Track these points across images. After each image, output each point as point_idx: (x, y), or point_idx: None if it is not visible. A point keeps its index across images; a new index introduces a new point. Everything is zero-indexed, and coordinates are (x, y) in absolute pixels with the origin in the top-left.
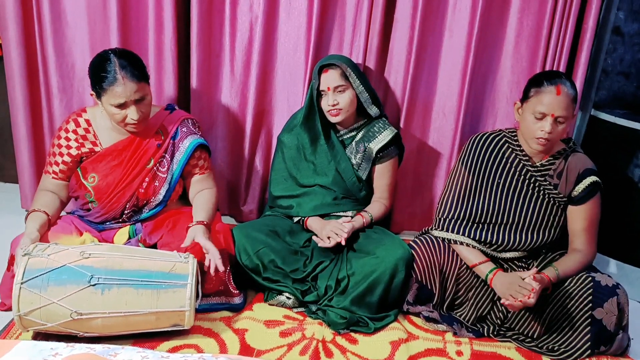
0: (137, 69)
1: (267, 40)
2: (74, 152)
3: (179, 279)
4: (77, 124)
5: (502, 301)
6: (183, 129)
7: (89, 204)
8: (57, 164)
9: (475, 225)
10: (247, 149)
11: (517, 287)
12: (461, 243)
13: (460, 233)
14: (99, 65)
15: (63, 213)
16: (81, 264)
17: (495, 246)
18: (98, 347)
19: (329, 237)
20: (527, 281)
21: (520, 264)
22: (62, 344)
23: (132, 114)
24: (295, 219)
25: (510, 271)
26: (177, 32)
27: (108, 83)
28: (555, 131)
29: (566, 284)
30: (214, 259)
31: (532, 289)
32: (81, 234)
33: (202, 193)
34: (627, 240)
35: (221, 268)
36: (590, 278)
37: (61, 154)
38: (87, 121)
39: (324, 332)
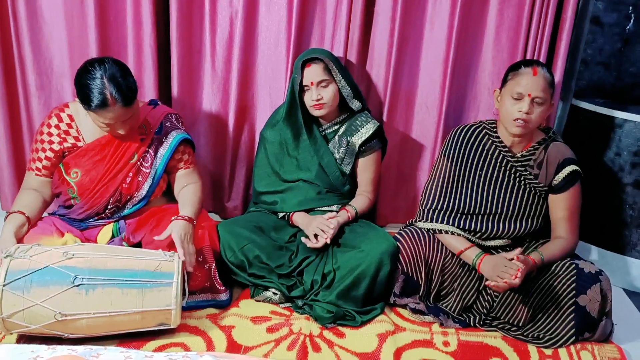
0: (129, 91)
1: (247, 35)
2: (56, 147)
3: (165, 277)
4: (60, 119)
5: (486, 282)
6: (167, 124)
7: (72, 200)
8: (39, 159)
9: (459, 215)
10: (230, 144)
11: (504, 268)
12: (446, 232)
13: (445, 223)
14: (88, 84)
15: (45, 214)
16: (64, 264)
17: (479, 234)
18: (80, 349)
19: (316, 236)
20: (512, 262)
21: (505, 252)
22: (43, 347)
23: (120, 130)
24: (280, 215)
25: None
26: (156, 27)
27: (97, 106)
28: (534, 113)
29: (550, 272)
30: (182, 257)
31: (518, 269)
32: (62, 235)
33: (188, 187)
34: (609, 227)
35: (189, 268)
36: (573, 265)
37: (44, 150)
38: (70, 116)
39: (311, 326)
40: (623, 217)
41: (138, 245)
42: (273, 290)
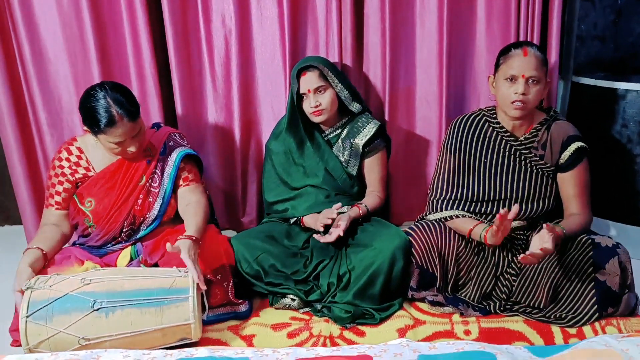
0: (132, 106)
1: (244, 52)
2: (69, 178)
3: (181, 293)
4: (69, 152)
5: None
6: (170, 143)
7: (89, 229)
8: (52, 195)
9: (469, 203)
10: (239, 160)
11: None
12: (456, 217)
13: (454, 209)
14: (94, 107)
15: (66, 245)
16: (83, 290)
17: (491, 216)
18: (81, 353)
19: (324, 226)
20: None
21: (519, 234)
22: (46, 354)
23: (130, 147)
24: (292, 220)
25: (510, 244)
26: (155, 55)
27: (106, 125)
28: (530, 93)
29: (567, 249)
30: (192, 276)
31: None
32: (82, 264)
33: (189, 207)
34: (625, 201)
35: (202, 287)
36: (590, 240)
37: (60, 183)
38: (79, 148)
39: (330, 328)
40: (637, 189)
41: (155, 266)
42: (291, 296)
